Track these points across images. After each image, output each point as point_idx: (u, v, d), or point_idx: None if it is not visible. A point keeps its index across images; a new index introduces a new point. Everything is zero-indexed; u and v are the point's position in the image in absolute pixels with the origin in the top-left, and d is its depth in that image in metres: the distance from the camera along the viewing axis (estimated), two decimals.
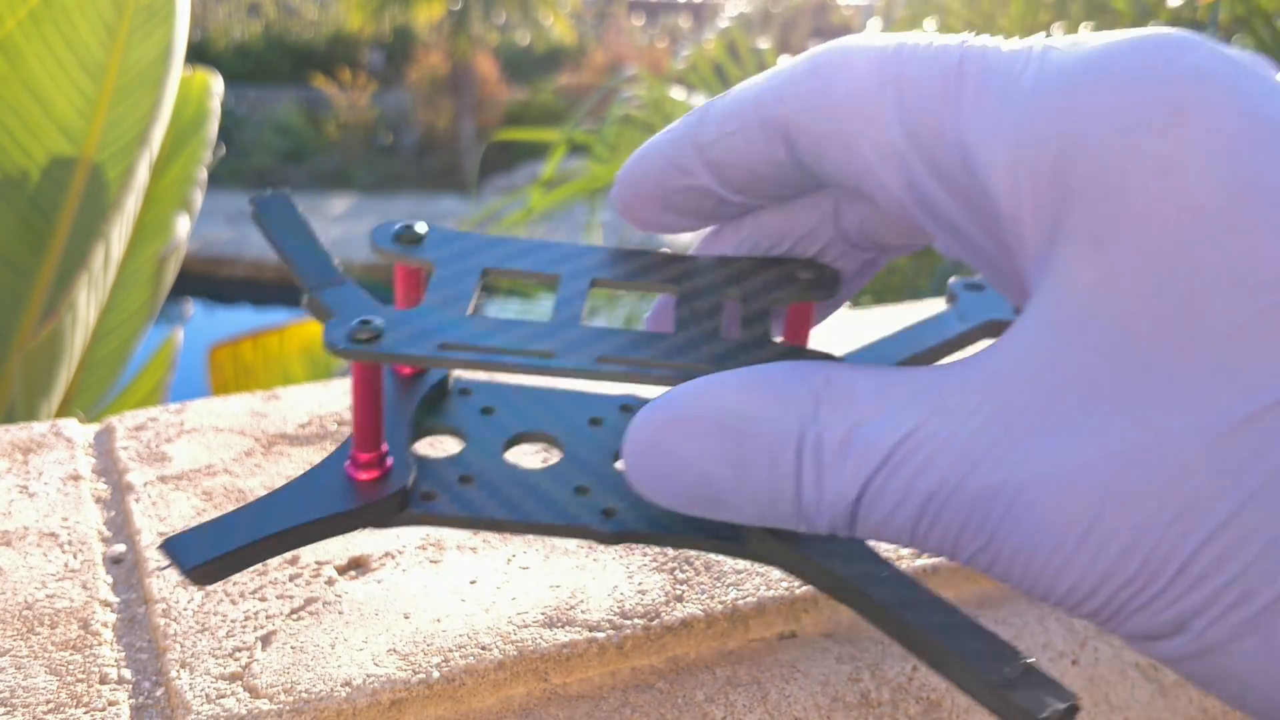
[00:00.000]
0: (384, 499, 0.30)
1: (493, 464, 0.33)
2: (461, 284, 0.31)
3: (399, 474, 0.31)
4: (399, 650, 0.34)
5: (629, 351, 0.28)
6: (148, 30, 1.00)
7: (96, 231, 1.03)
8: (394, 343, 0.28)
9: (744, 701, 0.34)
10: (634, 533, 0.31)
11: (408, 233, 0.32)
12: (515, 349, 0.28)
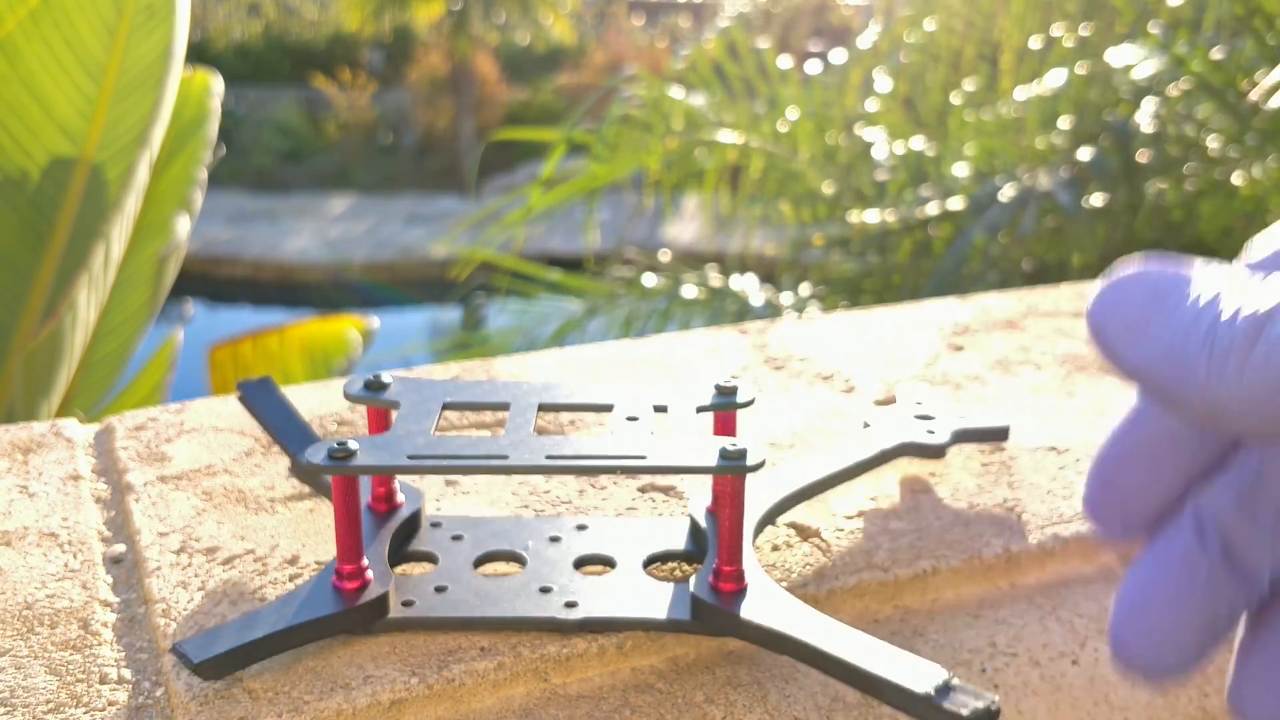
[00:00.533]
0: (365, 605, 0.33)
1: (464, 577, 0.37)
2: (424, 414, 0.36)
3: (379, 584, 0.34)
4: (399, 650, 0.34)
5: (574, 450, 0.33)
6: (148, 30, 1.00)
7: (96, 231, 1.03)
8: (367, 458, 0.32)
9: (744, 701, 0.34)
10: (595, 619, 0.34)
11: (375, 381, 0.37)
12: (473, 455, 0.33)
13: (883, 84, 1.89)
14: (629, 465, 0.33)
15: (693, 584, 0.34)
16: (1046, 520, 0.41)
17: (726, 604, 0.33)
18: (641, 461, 0.33)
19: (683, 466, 0.33)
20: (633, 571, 0.37)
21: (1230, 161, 1.48)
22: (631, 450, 0.33)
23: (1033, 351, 0.56)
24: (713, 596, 0.34)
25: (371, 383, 0.37)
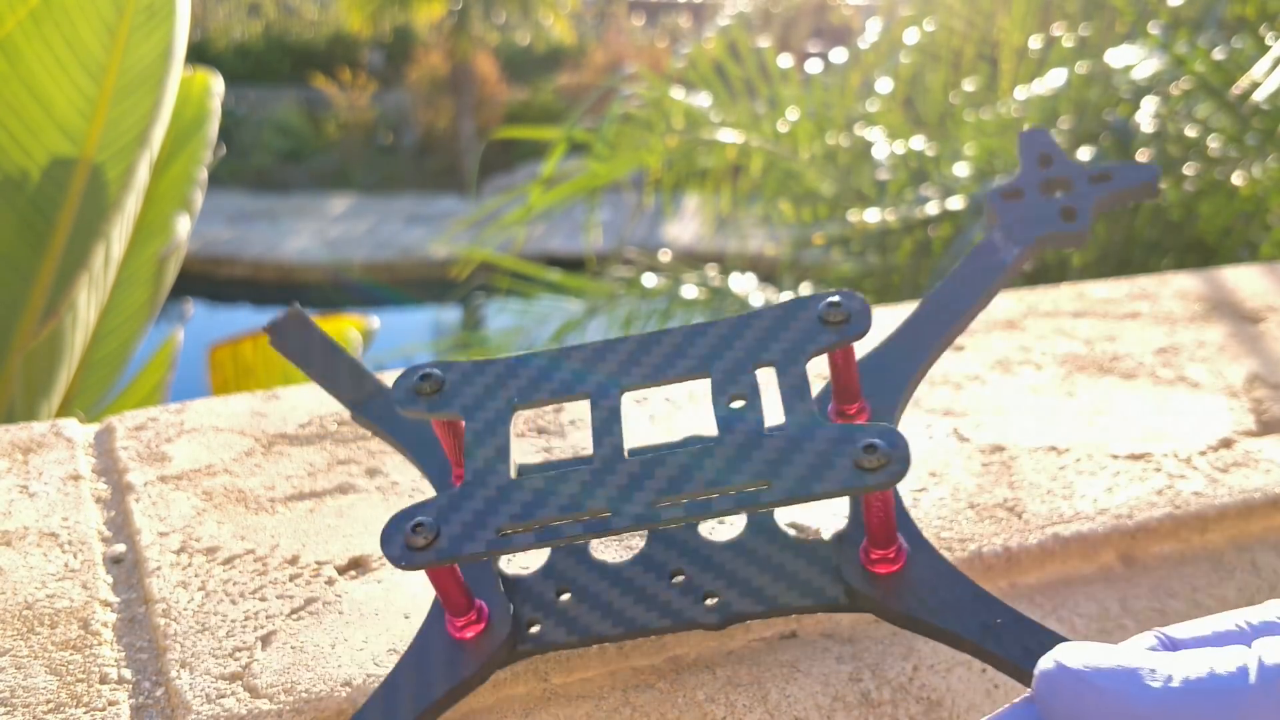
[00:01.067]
0: (495, 651, 0.30)
1: (583, 566, 0.33)
2: (496, 435, 0.30)
3: (499, 619, 0.31)
4: (399, 650, 0.34)
5: (682, 484, 0.28)
6: (148, 30, 1.00)
7: (96, 231, 1.03)
8: (452, 542, 0.28)
9: (744, 701, 0.34)
10: (740, 613, 0.31)
11: (428, 383, 0.32)
12: (571, 516, 0.28)
13: (883, 84, 1.89)
14: (754, 501, 0.28)
15: (841, 562, 0.31)
16: (1046, 520, 0.41)
17: (883, 589, 0.30)
18: (767, 495, 0.28)
19: (817, 494, 0.27)
20: (766, 522, 0.33)
21: (1230, 161, 1.48)
22: (749, 470, 0.28)
23: (1033, 351, 0.56)
24: (867, 582, 0.30)
25: (423, 386, 0.32)
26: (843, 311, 0.31)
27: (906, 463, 0.27)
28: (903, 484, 0.43)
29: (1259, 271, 0.68)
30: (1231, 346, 0.57)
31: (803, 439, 0.28)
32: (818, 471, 0.27)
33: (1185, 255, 1.53)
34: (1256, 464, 0.46)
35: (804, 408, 0.29)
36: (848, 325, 0.31)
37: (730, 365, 0.31)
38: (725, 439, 0.29)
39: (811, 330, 0.31)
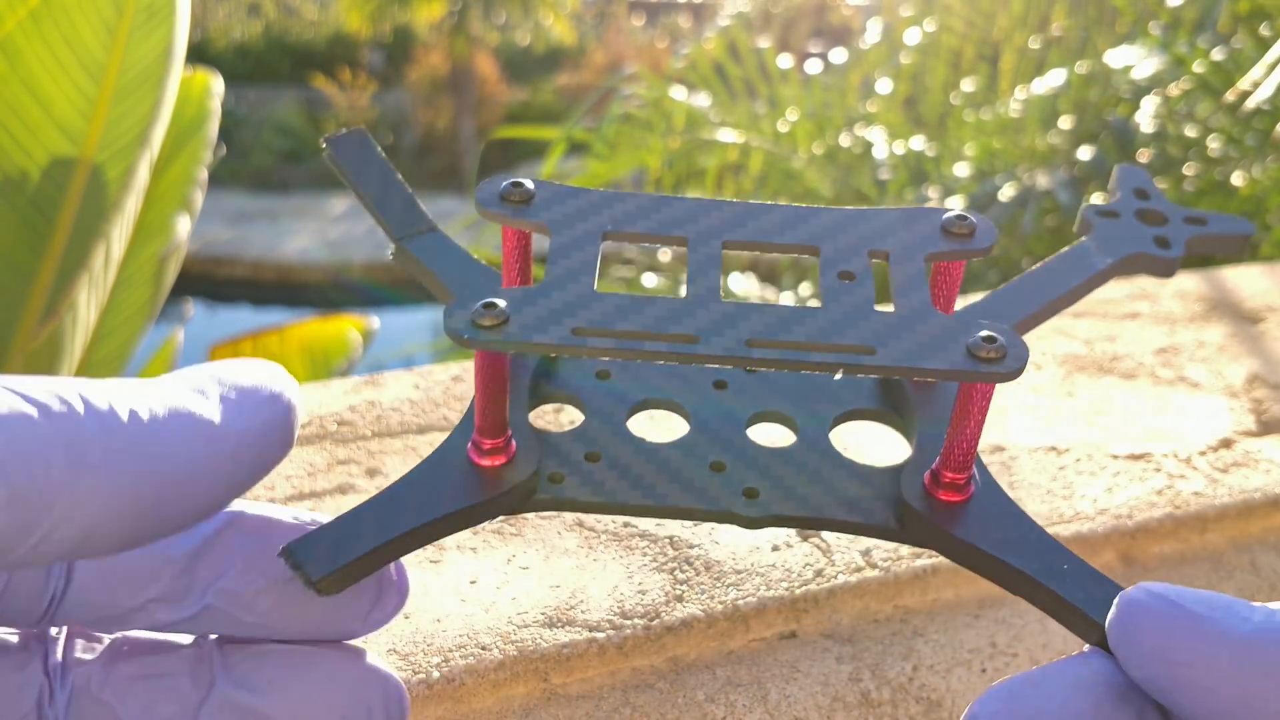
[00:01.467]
0: (515, 489, 0.28)
1: (618, 437, 0.31)
2: (583, 251, 0.28)
3: (525, 457, 0.29)
4: (399, 650, 0.34)
5: (778, 332, 0.26)
6: (148, 30, 1.00)
7: (96, 231, 1.03)
8: (523, 329, 0.26)
9: (744, 701, 0.34)
10: (779, 516, 0.29)
11: (517, 191, 0.30)
12: (655, 333, 0.26)
13: (883, 84, 1.89)
14: (855, 362, 0.25)
15: (903, 484, 0.29)
16: (1046, 520, 0.41)
17: (945, 517, 0.28)
18: (870, 359, 0.25)
19: (925, 369, 0.25)
20: (818, 440, 0.31)
21: (1230, 161, 1.48)
22: (854, 336, 0.26)
23: (1032, 351, 0.56)
24: (928, 505, 0.28)
25: (512, 193, 0.30)
26: (969, 226, 0.30)
27: (1024, 361, 0.25)
28: None
29: (1259, 271, 0.68)
30: (1231, 346, 0.57)
31: (915, 320, 0.27)
32: (928, 350, 0.26)
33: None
34: (1256, 464, 0.46)
35: (918, 296, 0.27)
36: (971, 239, 0.30)
37: (843, 246, 0.29)
38: (830, 306, 0.27)
39: (933, 236, 0.30)
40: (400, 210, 0.32)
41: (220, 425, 0.22)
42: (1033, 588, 0.27)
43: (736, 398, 0.32)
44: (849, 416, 0.32)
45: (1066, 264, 0.35)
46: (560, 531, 0.39)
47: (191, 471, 0.21)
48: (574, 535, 0.39)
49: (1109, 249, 0.35)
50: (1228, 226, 0.36)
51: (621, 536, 0.39)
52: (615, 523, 0.40)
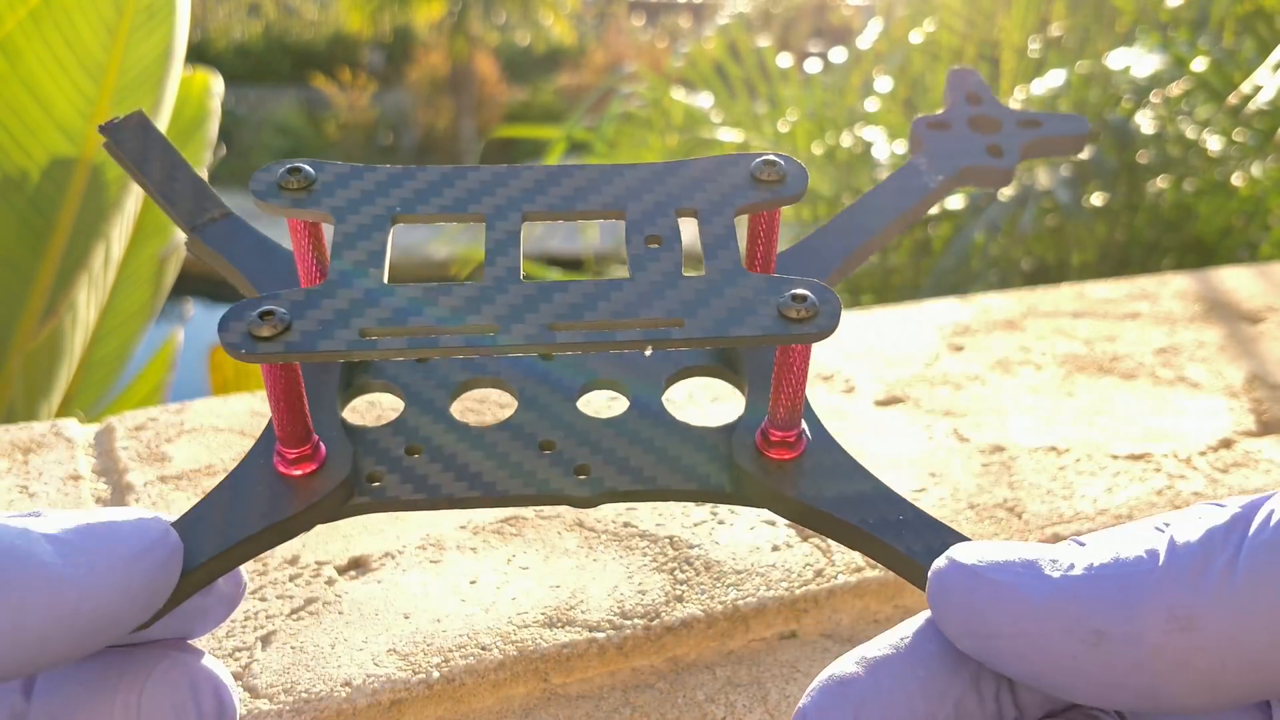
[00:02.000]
0: (325, 500, 0.26)
1: (440, 425, 0.29)
2: (370, 240, 0.26)
3: (337, 460, 0.27)
4: (399, 650, 0.34)
5: (584, 310, 0.25)
6: (148, 30, 1.00)
7: (96, 231, 1.03)
8: (306, 337, 0.24)
9: (744, 701, 0.34)
10: (614, 491, 0.28)
11: (294, 178, 0.27)
12: (450, 326, 0.24)
13: (883, 84, 1.89)
14: (664, 337, 0.24)
15: (734, 445, 0.28)
16: (1046, 520, 0.41)
17: (777, 476, 0.27)
18: (679, 332, 0.24)
19: (736, 337, 0.24)
20: (651, 404, 0.30)
21: (1230, 161, 1.48)
22: (661, 307, 0.25)
23: (1033, 351, 0.56)
24: (759, 466, 0.27)
25: (289, 181, 0.27)
26: (778, 171, 0.28)
27: (836, 317, 0.25)
28: (902, 484, 0.43)
29: (1258, 272, 0.68)
30: (1231, 347, 0.57)
31: (724, 284, 0.25)
32: (738, 315, 0.25)
33: (1185, 255, 1.54)
34: (1256, 464, 0.46)
35: (728, 256, 0.26)
36: (781, 185, 0.28)
37: (649, 207, 0.28)
38: (637, 276, 0.26)
39: (742, 186, 0.28)
40: (189, 197, 0.31)
41: (60, 574, 0.21)
42: (868, 542, 0.26)
43: (565, 368, 0.31)
44: (683, 374, 0.31)
45: (895, 187, 0.33)
46: (560, 531, 0.39)
47: (24, 619, 0.20)
48: (574, 535, 0.39)
49: (940, 165, 0.34)
50: (1063, 127, 0.35)
51: (621, 536, 0.39)
52: (615, 522, 0.40)
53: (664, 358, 0.31)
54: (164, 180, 0.31)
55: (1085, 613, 0.20)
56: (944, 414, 0.49)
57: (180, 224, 0.31)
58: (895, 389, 0.51)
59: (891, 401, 0.50)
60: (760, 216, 0.29)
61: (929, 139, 0.35)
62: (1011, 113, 0.36)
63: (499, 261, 0.26)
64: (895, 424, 0.48)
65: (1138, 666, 0.20)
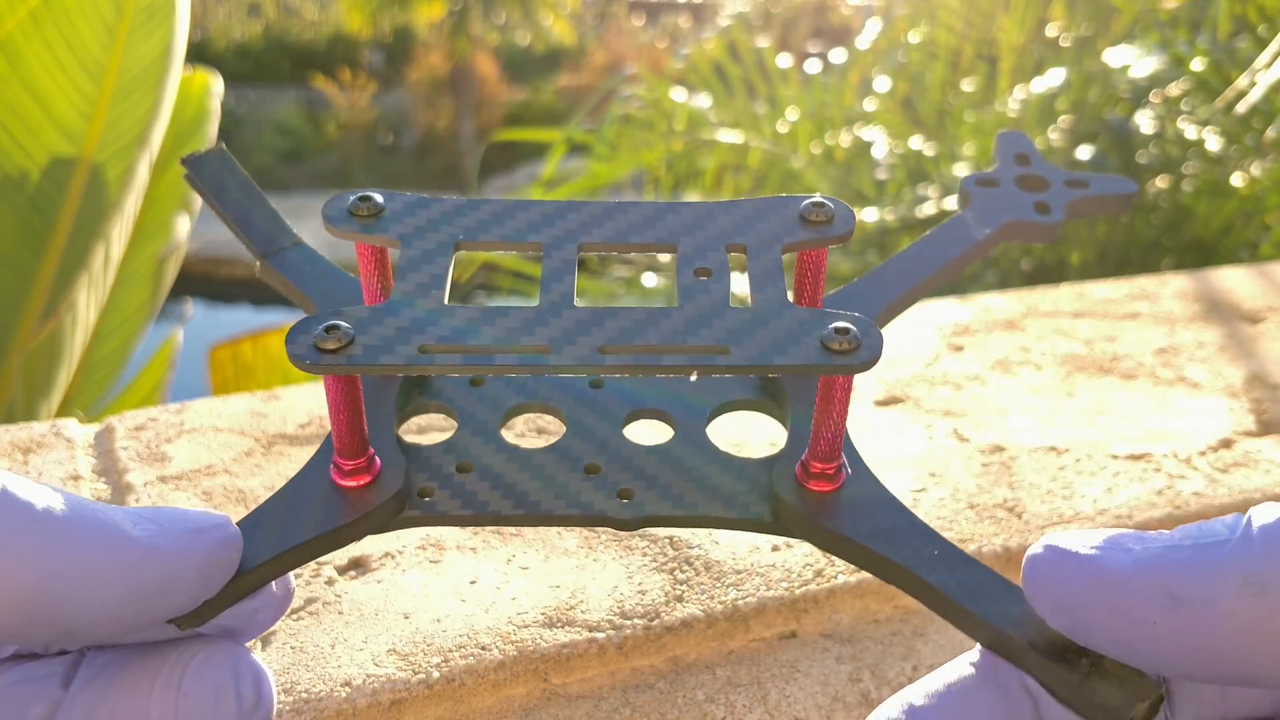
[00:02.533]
0: (378, 510, 0.28)
1: (490, 446, 0.30)
2: (434, 264, 0.28)
3: (391, 474, 0.29)
4: (399, 650, 0.34)
5: (633, 336, 0.26)
6: (148, 30, 1.00)
7: (96, 231, 1.03)
8: (368, 351, 0.25)
9: (744, 701, 0.34)
10: (655, 516, 0.29)
11: (365, 206, 0.29)
12: (505, 346, 0.25)
13: (882, 83, 1.89)
14: (709, 363, 0.25)
15: (775, 476, 0.29)
16: (1046, 520, 0.41)
17: (815, 507, 0.28)
18: (724, 359, 0.25)
19: (779, 365, 0.25)
20: (694, 434, 0.31)
21: (1230, 161, 1.48)
22: (708, 335, 0.26)
23: (1033, 351, 0.56)
24: (799, 497, 0.28)
25: (360, 208, 0.29)
26: (826, 213, 0.30)
27: (878, 351, 0.25)
28: (902, 484, 0.43)
29: (1258, 272, 0.68)
30: (1231, 346, 0.57)
31: (770, 315, 0.27)
32: (782, 345, 0.26)
33: (1185, 255, 1.54)
34: (1256, 464, 0.46)
35: (774, 291, 0.28)
36: (829, 226, 0.29)
37: (700, 241, 0.29)
38: (686, 306, 0.27)
39: (791, 225, 0.30)
40: (264, 227, 0.33)
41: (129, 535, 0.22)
42: (903, 575, 0.27)
43: (613, 397, 0.32)
44: (728, 408, 0.32)
45: (943, 238, 0.34)
46: (560, 531, 0.39)
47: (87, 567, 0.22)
48: (574, 535, 0.39)
49: (987, 219, 0.35)
50: (1109, 187, 0.36)
51: (621, 536, 0.39)
52: None
53: (710, 390, 0.32)
54: (240, 211, 0.33)
55: (1164, 579, 0.21)
56: (944, 414, 0.49)
57: (253, 251, 0.32)
58: (895, 389, 0.51)
59: (891, 401, 0.50)
60: (808, 255, 0.30)
61: (977, 195, 0.36)
62: (1059, 173, 0.37)
63: (554, 288, 0.27)
64: (895, 424, 0.48)
65: (1212, 630, 0.20)
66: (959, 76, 1.83)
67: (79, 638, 0.23)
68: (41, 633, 0.22)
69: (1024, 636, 0.25)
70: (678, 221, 0.30)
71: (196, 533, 0.24)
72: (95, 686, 0.24)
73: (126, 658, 0.25)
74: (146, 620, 0.23)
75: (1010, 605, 0.26)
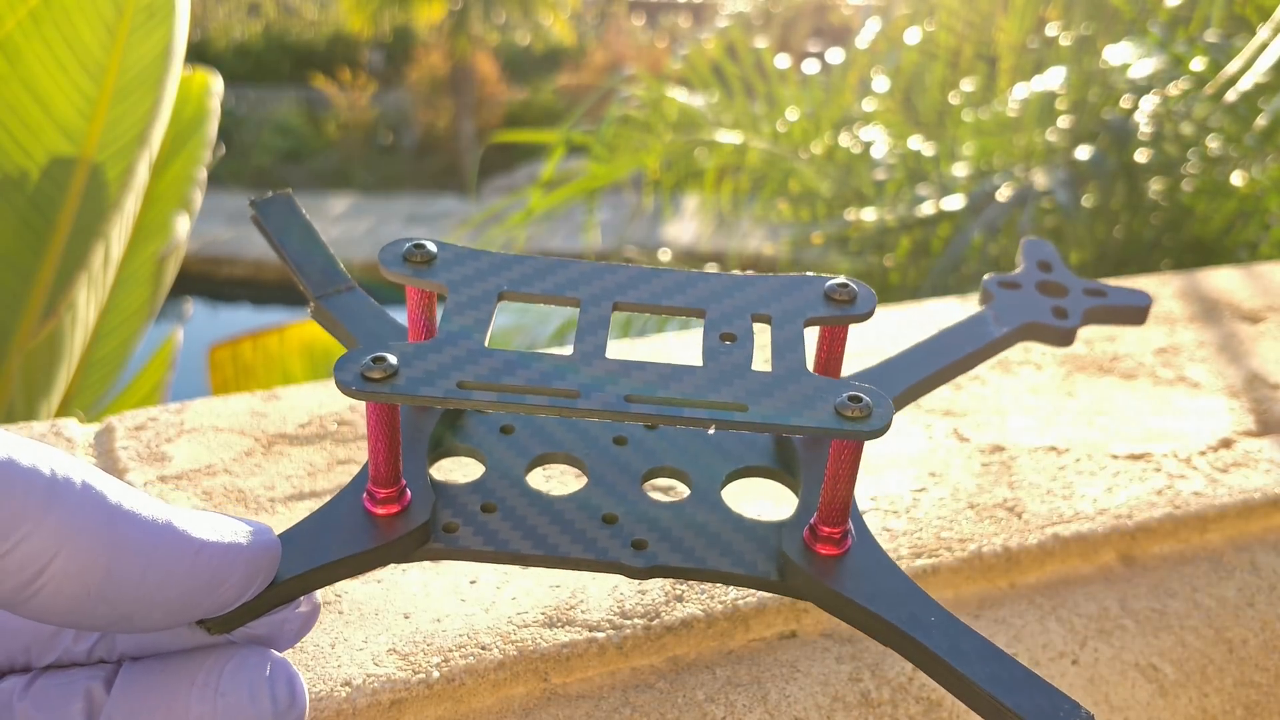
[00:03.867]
0: (405, 537, 0.30)
1: (515, 490, 0.32)
2: (478, 310, 0.30)
3: (419, 506, 0.30)
4: (399, 650, 0.34)
5: (657, 388, 0.28)
6: (148, 30, 1.00)
7: (96, 231, 1.03)
8: (410, 382, 0.27)
9: (744, 701, 0.34)
10: (666, 566, 0.30)
11: (419, 253, 0.31)
12: (538, 387, 0.27)
13: (881, 83, 1.89)
14: (727, 418, 0.27)
15: (784, 538, 0.30)
16: (1046, 520, 0.41)
17: (821, 569, 0.30)
18: (741, 416, 0.27)
19: (793, 426, 0.27)
20: (710, 494, 0.33)
21: (1230, 161, 1.48)
22: (728, 394, 0.28)
23: (1033, 351, 0.56)
24: (806, 559, 0.30)
25: (414, 255, 0.31)
26: (849, 293, 0.31)
27: (887, 421, 0.27)
28: (903, 484, 0.43)
29: (1258, 272, 0.68)
30: (1231, 346, 0.57)
31: (788, 381, 0.28)
32: (797, 408, 0.27)
33: (1185, 255, 1.54)
34: (1256, 464, 0.46)
35: (795, 358, 0.29)
36: (851, 305, 0.31)
37: (728, 309, 0.31)
38: (710, 365, 0.29)
39: (814, 301, 0.31)
40: (320, 270, 0.34)
41: (188, 530, 0.24)
42: (899, 638, 0.28)
43: (634, 453, 0.34)
44: (743, 473, 0.34)
45: (963, 332, 0.37)
46: None
47: (150, 554, 0.23)
48: None
49: (1006, 318, 0.37)
50: (1126, 299, 0.38)
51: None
52: None
53: (726, 455, 0.34)
54: (299, 253, 0.35)
55: None
56: (944, 414, 0.49)
57: (308, 293, 0.34)
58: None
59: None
60: (828, 331, 0.33)
61: (999, 295, 0.38)
62: (1079, 281, 0.39)
63: (588, 340, 0.29)
64: (895, 424, 0.48)
65: None
66: (958, 76, 1.84)
67: (133, 623, 0.24)
68: (101, 613, 0.23)
69: (1012, 699, 0.26)
70: (708, 289, 0.32)
71: (245, 533, 0.26)
72: (136, 689, 0.25)
73: (163, 663, 0.26)
74: (193, 612, 0.25)
75: (999, 668, 0.27)
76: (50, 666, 0.26)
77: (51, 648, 0.26)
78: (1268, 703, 0.40)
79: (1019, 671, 0.27)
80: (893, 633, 0.28)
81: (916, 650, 0.28)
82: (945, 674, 0.27)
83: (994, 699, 0.26)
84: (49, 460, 0.22)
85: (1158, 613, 0.39)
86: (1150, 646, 0.38)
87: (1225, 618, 0.40)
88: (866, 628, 0.29)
